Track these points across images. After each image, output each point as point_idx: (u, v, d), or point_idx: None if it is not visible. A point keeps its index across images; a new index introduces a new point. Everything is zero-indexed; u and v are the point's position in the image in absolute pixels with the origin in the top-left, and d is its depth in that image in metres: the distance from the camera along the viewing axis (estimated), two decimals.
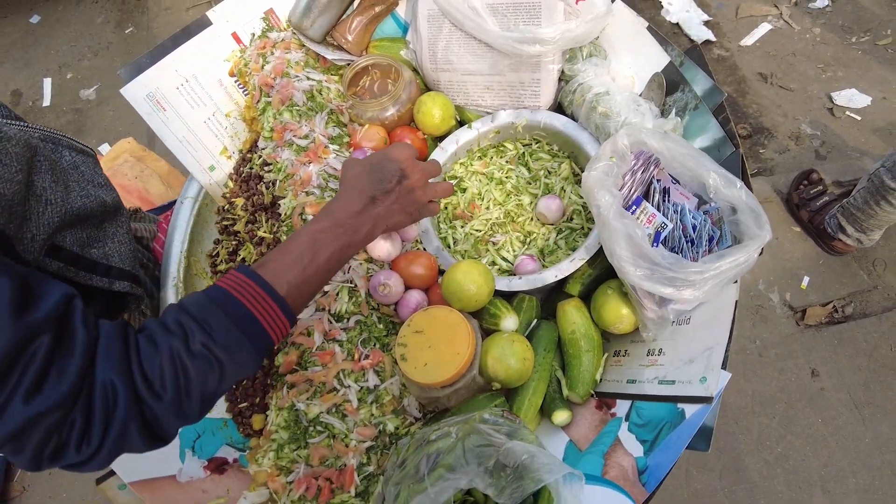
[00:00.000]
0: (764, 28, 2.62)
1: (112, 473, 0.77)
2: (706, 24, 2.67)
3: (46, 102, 2.91)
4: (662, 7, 2.76)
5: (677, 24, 2.69)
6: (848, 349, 1.88)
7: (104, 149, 2.64)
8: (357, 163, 0.77)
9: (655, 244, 0.81)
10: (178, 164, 1.14)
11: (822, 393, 1.82)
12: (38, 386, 0.50)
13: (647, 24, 1.00)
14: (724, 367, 0.74)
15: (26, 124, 0.81)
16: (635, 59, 1.02)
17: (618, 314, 0.88)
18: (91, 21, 3.16)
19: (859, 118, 2.32)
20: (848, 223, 1.88)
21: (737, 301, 0.78)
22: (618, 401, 0.85)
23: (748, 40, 2.60)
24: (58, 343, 0.52)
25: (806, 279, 2.00)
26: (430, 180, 0.82)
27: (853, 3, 2.61)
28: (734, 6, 2.71)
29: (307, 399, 0.84)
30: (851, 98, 2.36)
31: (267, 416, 0.88)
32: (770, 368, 1.87)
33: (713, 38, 2.62)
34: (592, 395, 0.89)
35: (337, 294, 0.90)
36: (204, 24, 1.09)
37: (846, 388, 1.82)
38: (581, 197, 1.01)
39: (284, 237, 0.96)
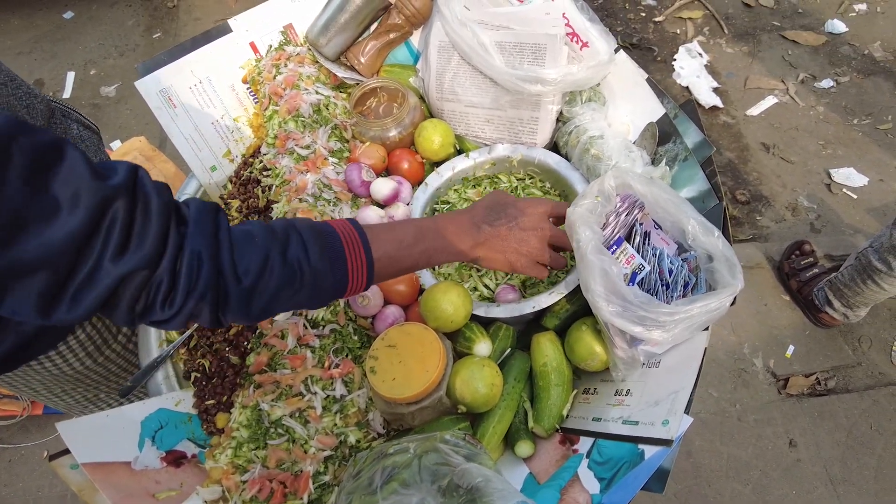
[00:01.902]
0: (770, 101, 2.69)
1: (66, 451, 0.77)
2: (715, 90, 2.75)
3: (67, 94, 2.98)
4: (674, 70, 2.85)
5: (687, 87, 2.77)
6: (828, 423, 1.87)
7: (115, 145, 2.69)
8: (489, 197, 0.85)
9: (631, 284, 0.82)
10: (184, 167, 1.17)
11: (798, 464, 1.80)
12: (123, 246, 0.52)
13: (646, 75, 1.04)
14: (687, 411, 0.74)
15: (38, 93, 0.84)
16: (632, 107, 1.06)
17: (590, 351, 0.88)
18: (122, 23, 3.26)
19: (855, 196, 2.36)
20: (835, 297, 1.90)
21: (706, 348, 0.79)
22: (581, 438, 0.85)
23: (754, 111, 2.67)
24: (134, 208, 0.54)
25: (791, 348, 2.00)
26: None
27: (857, 87, 2.70)
28: (743, 77, 2.80)
29: (272, 400, 0.84)
30: (849, 176, 2.41)
31: (231, 413, 0.87)
32: (748, 434, 1.85)
33: (720, 105, 2.69)
34: (557, 430, 0.88)
35: None
36: (224, 30, 1.14)
37: (823, 462, 1.80)
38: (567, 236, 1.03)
39: None
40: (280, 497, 0.79)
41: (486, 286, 1.02)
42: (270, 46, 1.18)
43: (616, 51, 1.04)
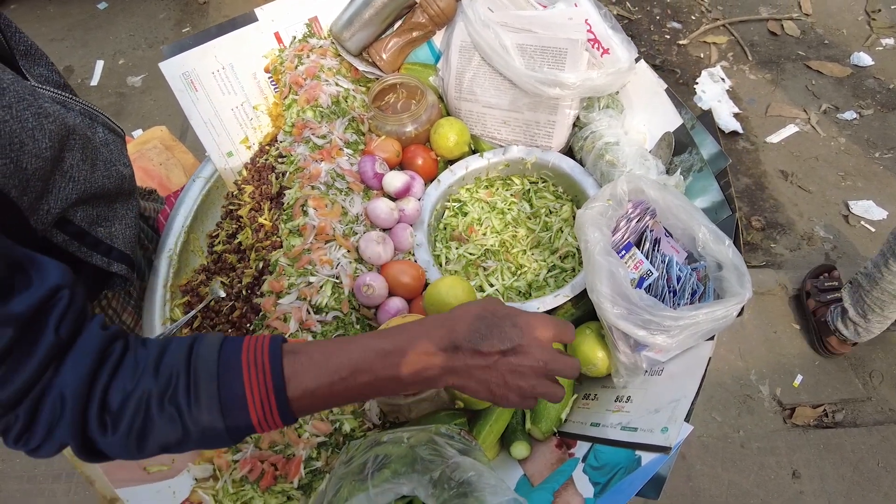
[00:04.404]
0: (791, 129, 2.68)
1: None
2: (735, 116, 2.74)
3: (94, 82, 3.04)
4: (696, 94, 2.84)
5: (708, 111, 2.76)
6: (833, 456, 1.82)
7: (137, 134, 2.73)
8: (481, 303, 0.63)
9: (638, 288, 0.82)
10: (202, 158, 1.19)
11: (800, 496, 1.76)
12: None
13: (665, 85, 1.04)
14: (687, 420, 0.73)
15: (70, 95, 0.84)
16: (650, 116, 1.05)
17: (593, 355, 0.87)
18: (153, 16, 3.33)
19: (873, 230, 2.33)
20: (851, 300, 1.84)
21: (710, 358, 0.77)
22: (578, 442, 0.84)
23: (774, 138, 2.66)
24: (19, 343, 0.50)
25: (799, 377, 1.97)
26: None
27: (881, 120, 2.67)
28: (765, 104, 2.78)
29: None
30: (868, 209, 2.38)
31: None
32: (750, 461, 1.81)
33: (740, 131, 2.68)
34: (555, 433, 0.87)
35: (321, 287, 0.91)
36: (250, 19, 1.15)
37: (827, 496, 1.76)
38: (577, 240, 1.02)
39: (283, 225, 0.98)
40: (270, 479, 0.79)
41: (491, 285, 1.01)
42: (294, 37, 1.20)
43: (637, 60, 1.04)
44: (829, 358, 2.00)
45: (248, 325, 0.96)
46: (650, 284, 0.83)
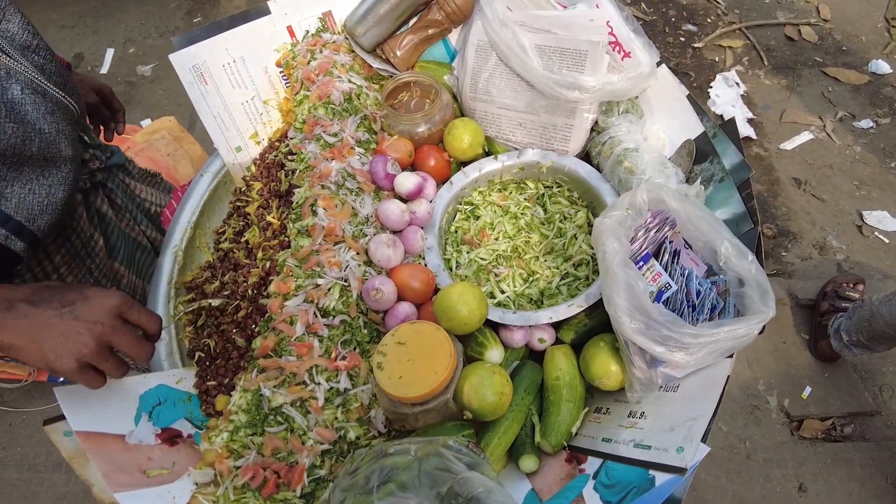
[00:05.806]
0: (805, 136, 2.64)
1: (62, 417, 0.75)
2: (749, 121, 2.70)
3: (104, 70, 3.02)
4: (710, 98, 2.81)
5: (721, 116, 2.73)
6: (841, 470, 1.80)
7: (145, 123, 2.71)
8: (51, 283, 0.77)
9: (656, 302, 0.79)
10: (211, 149, 1.17)
11: None
12: None
13: (687, 92, 1.01)
14: (704, 440, 0.71)
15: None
16: (670, 123, 1.03)
17: (606, 369, 0.85)
18: (165, 5, 3.31)
19: (887, 241, 2.29)
20: (849, 315, 1.85)
21: (728, 377, 0.75)
22: (589, 458, 0.82)
23: (788, 145, 2.62)
24: None
25: (808, 389, 1.94)
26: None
27: None
28: (779, 110, 2.74)
29: (274, 386, 0.82)
30: (882, 220, 2.34)
31: (231, 395, 0.85)
32: (756, 473, 1.79)
33: (754, 137, 2.65)
34: (564, 447, 0.85)
35: (329, 290, 0.89)
36: (263, 11, 1.13)
37: None
38: (592, 247, 1.00)
39: (292, 225, 0.96)
40: (272, 487, 0.77)
41: (502, 292, 0.99)
42: (307, 32, 1.17)
43: (658, 64, 1.01)
44: (819, 360, 1.99)
45: (254, 325, 0.94)
46: (668, 298, 0.80)
